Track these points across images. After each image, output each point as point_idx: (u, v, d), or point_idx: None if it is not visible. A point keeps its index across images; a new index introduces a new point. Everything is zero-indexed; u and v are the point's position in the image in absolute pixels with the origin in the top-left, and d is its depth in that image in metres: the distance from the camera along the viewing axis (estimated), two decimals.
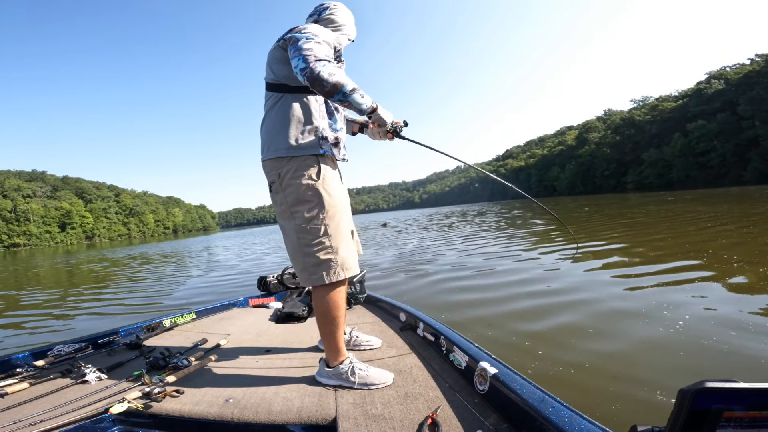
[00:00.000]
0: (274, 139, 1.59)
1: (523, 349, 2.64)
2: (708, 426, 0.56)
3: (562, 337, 2.77)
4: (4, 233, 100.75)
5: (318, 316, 1.59)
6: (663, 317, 2.92)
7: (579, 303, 3.54)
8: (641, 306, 3.23)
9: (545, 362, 2.40)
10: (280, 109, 1.60)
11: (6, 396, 1.53)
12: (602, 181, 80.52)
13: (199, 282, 7.71)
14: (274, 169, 1.59)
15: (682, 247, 5.92)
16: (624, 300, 3.51)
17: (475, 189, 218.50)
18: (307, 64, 1.39)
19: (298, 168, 1.55)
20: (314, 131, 1.59)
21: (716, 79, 61.84)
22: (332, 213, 1.56)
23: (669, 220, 10.04)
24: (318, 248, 1.53)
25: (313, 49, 1.43)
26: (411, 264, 6.94)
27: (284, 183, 1.56)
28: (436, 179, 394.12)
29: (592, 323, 2.99)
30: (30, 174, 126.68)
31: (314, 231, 1.53)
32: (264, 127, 1.66)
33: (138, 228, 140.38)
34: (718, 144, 53.79)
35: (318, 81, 1.39)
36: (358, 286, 2.91)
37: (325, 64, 1.40)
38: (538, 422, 1.05)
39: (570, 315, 3.24)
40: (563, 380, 2.16)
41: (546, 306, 3.57)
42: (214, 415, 1.35)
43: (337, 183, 1.63)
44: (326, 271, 1.52)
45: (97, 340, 2.17)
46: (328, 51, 1.50)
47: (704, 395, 0.55)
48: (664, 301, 3.31)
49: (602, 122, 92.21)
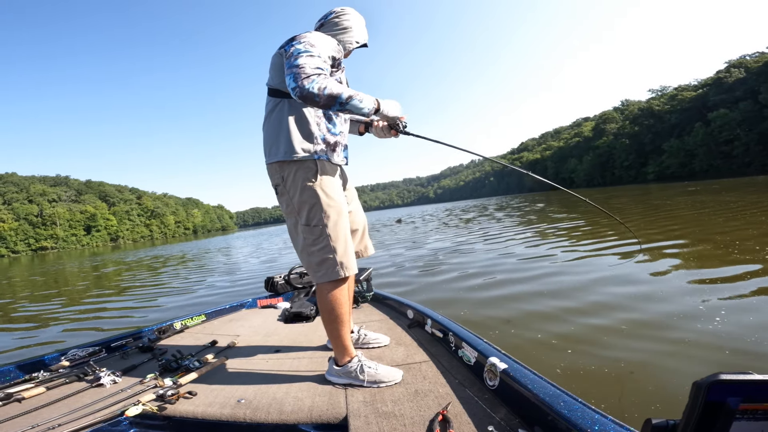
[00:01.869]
0: (273, 145, 1.64)
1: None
2: (723, 418, 0.56)
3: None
4: (32, 237, 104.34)
5: (323, 314, 1.62)
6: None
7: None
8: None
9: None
10: (278, 115, 1.64)
11: (23, 401, 1.57)
12: (622, 172, 78.54)
13: (219, 281, 7.84)
14: (277, 173, 1.64)
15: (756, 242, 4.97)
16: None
17: (490, 183, 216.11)
18: (296, 84, 1.41)
19: (299, 171, 1.59)
20: (310, 137, 1.62)
21: (736, 67, 60.12)
22: (330, 214, 1.59)
23: (719, 213, 8.56)
24: (319, 247, 1.58)
25: (304, 65, 1.44)
26: (454, 271, 5.55)
27: (288, 185, 1.62)
28: (450, 174, 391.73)
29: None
30: (54, 179, 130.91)
31: (315, 231, 1.58)
32: (264, 131, 1.70)
33: (159, 229, 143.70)
34: (742, 133, 51.95)
35: (309, 98, 1.42)
36: (365, 285, 2.92)
37: (314, 80, 1.41)
38: (550, 417, 1.05)
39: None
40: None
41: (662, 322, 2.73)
42: (227, 416, 1.37)
43: (334, 185, 1.66)
44: (327, 270, 1.58)
45: (111, 344, 2.22)
46: (320, 63, 1.51)
47: (718, 387, 0.55)
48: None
49: (619, 113, 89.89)
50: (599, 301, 3.38)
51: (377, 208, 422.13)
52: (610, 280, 4.00)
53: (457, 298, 4.06)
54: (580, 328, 2.81)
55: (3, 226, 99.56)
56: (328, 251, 1.58)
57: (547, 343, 2.61)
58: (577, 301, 3.42)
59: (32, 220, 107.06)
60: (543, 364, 2.29)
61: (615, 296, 3.45)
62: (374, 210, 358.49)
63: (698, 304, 2.98)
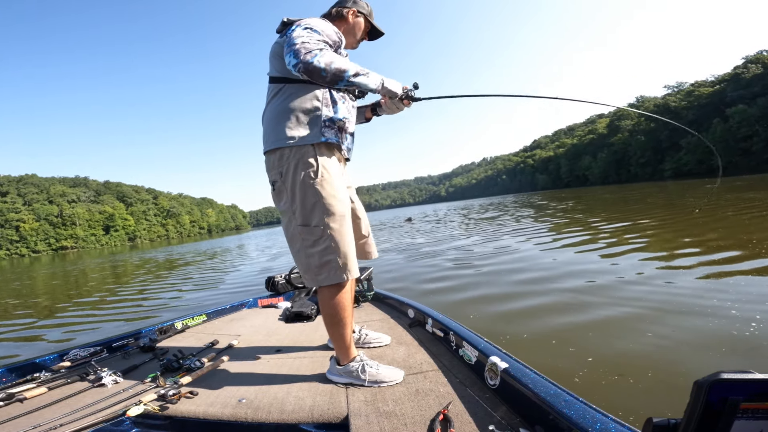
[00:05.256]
0: (274, 130, 1.55)
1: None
2: (725, 417, 0.55)
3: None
4: (52, 237, 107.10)
5: (325, 317, 1.58)
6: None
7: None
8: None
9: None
10: (280, 99, 1.57)
11: (25, 401, 1.58)
12: (638, 170, 77.20)
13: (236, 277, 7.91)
14: (274, 168, 1.55)
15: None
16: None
17: (502, 181, 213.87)
18: (298, 59, 1.35)
19: (298, 165, 1.50)
20: (316, 119, 1.54)
21: (753, 63, 59.29)
22: (333, 213, 1.51)
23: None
24: (320, 249, 1.50)
25: (304, 41, 1.38)
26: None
27: (287, 182, 1.52)
28: (462, 172, 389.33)
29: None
30: (73, 180, 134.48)
31: (316, 232, 1.50)
32: (265, 119, 1.62)
33: (175, 229, 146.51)
34: (760, 129, 50.84)
35: (315, 72, 1.35)
36: (366, 284, 2.91)
37: (317, 54, 1.36)
38: (551, 416, 1.04)
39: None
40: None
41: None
42: (228, 416, 1.37)
43: (338, 182, 1.57)
44: (329, 273, 1.51)
45: (112, 344, 2.24)
46: (322, 38, 1.45)
47: (720, 387, 0.54)
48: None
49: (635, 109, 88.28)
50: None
51: (389, 206, 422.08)
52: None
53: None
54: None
55: (24, 227, 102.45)
56: (330, 253, 1.50)
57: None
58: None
59: (52, 221, 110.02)
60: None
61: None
62: (386, 209, 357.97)
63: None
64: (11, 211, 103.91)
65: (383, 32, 1.88)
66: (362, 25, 1.80)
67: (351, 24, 1.76)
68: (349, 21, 1.76)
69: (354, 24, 1.77)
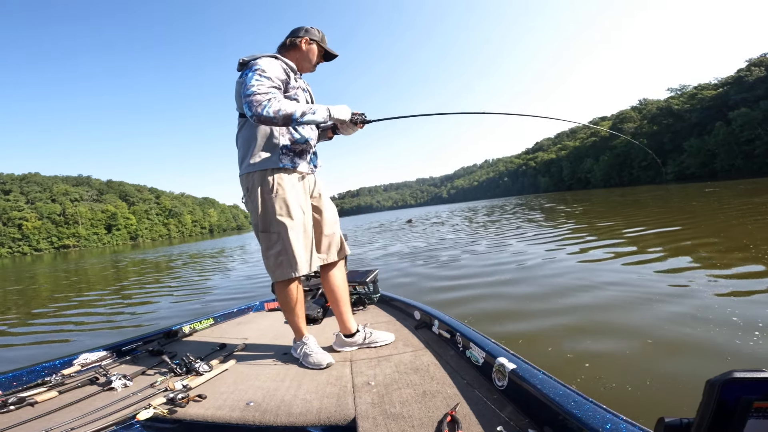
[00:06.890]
0: (243, 158, 1.86)
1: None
2: (738, 417, 0.55)
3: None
4: (54, 235, 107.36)
5: (280, 304, 1.94)
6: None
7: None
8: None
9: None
10: (246, 131, 1.86)
11: (36, 405, 1.59)
12: (640, 173, 76.85)
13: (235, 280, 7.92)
14: (243, 184, 1.88)
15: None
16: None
17: (504, 183, 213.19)
18: (252, 112, 1.61)
19: (257, 182, 1.82)
20: (274, 148, 1.83)
21: (756, 66, 58.96)
22: (284, 222, 1.81)
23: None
24: (276, 251, 1.82)
25: (256, 91, 1.62)
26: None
27: (251, 196, 1.84)
28: (464, 174, 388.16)
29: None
30: (76, 179, 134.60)
31: (273, 237, 1.82)
32: (238, 145, 1.93)
33: (177, 228, 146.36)
34: (763, 132, 50.55)
35: (267, 121, 1.63)
36: (371, 286, 2.90)
37: (266, 105, 1.61)
38: (561, 416, 1.03)
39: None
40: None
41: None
42: (236, 419, 1.38)
43: (293, 196, 1.85)
44: (282, 270, 1.83)
45: (121, 348, 2.25)
46: (272, 85, 1.70)
47: (732, 386, 0.54)
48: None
49: (637, 112, 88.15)
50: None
51: (390, 208, 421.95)
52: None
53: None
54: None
55: (26, 225, 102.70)
56: (282, 254, 1.81)
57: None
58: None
59: (55, 219, 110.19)
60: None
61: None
62: (387, 210, 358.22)
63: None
64: (14, 209, 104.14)
65: (336, 54, 2.09)
66: (315, 51, 2.02)
67: (305, 51, 1.98)
68: (302, 49, 1.97)
69: (308, 51, 1.99)
